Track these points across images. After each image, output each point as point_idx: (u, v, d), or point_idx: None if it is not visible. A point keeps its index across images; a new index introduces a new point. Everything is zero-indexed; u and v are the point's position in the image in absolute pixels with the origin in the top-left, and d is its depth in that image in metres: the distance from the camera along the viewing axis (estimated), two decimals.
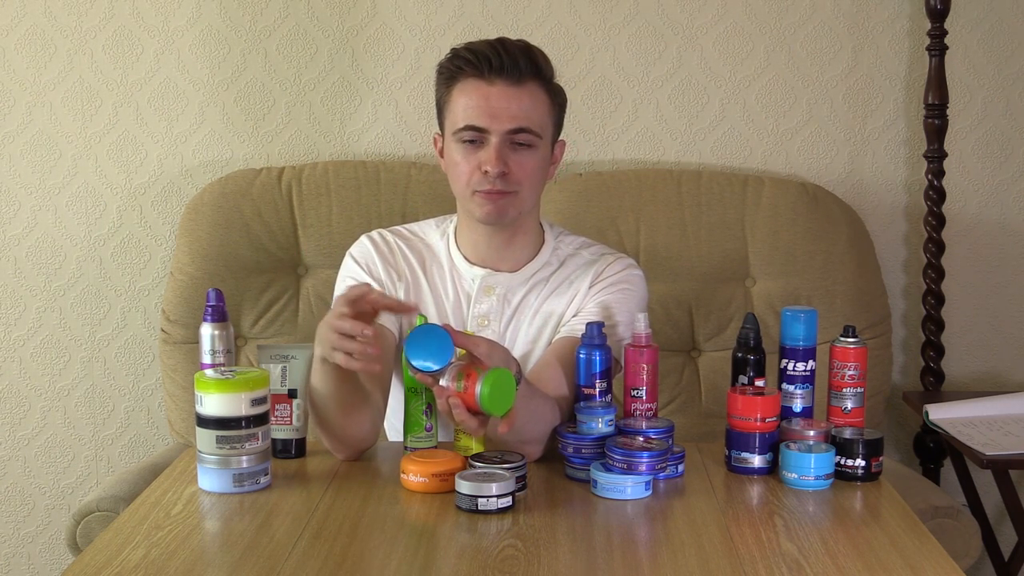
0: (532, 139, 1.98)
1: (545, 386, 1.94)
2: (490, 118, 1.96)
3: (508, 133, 1.97)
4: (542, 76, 2.00)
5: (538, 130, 1.99)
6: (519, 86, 1.97)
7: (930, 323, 2.84)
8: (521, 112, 1.97)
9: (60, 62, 2.83)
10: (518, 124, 1.97)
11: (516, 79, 1.97)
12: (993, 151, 2.88)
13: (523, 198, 2.01)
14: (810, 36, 2.85)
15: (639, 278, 2.12)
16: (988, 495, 2.79)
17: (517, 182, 1.99)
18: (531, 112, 1.98)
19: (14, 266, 2.89)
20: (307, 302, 2.73)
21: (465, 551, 1.61)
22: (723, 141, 2.88)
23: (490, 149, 1.97)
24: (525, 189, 2.00)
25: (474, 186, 1.99)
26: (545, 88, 2.01)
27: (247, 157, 2.87)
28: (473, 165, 1.98)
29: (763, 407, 1.86)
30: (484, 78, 1.97)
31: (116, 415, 2.93)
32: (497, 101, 1.96)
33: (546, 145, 2.03)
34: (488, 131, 1.97)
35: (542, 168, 2.03)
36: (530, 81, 1.98)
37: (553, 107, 2.03)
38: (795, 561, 1.57)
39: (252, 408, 1.78)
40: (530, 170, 1.99)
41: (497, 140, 1.96)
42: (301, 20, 2.84)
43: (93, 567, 1.55)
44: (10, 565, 2.98)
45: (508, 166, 1.97)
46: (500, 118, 1.96)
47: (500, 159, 1.96)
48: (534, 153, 1.99)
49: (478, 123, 1.97)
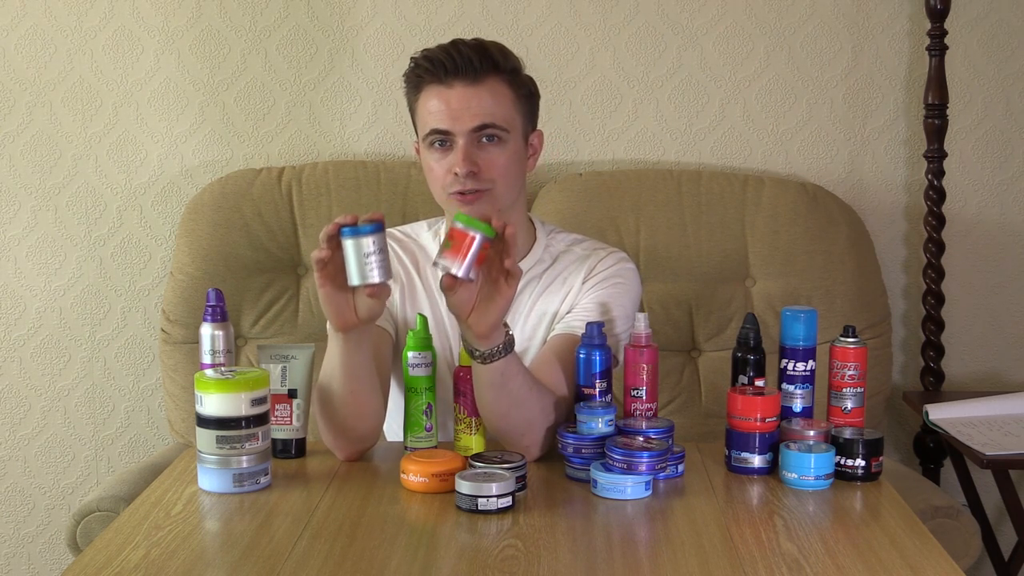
0: (498, 133, 1.98)
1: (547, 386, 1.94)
2: (452, 120, 1.97)
3: (472, 132, 1.97)
4: (500, 70, 1.99)
5: (503, 124, 1.99)
6: (477, 84, 1.97)
7: (930, 323, 2.84)
8: (482, 109, 1.97)
9: (60, 62, 2.83)
10: (480, 121, 1.97)
11: (473, 78, 1.97)
12: (993, 151, 2.88)
13: (498, 193, 2.01)
14: (810, 36, 2.85)
15: (632, 271, 2.12)
16: (988, 495, 2.80)
17: (489, 179, 1.99)
18: (493, 108, 1.98)
19: (14, 266, 2.89)
20: (307, 302, 2.73)
21: (465, 551, 1.61)
22: (723, 141, 2.88)
23: (457, 151, 1.98)
24: (500, 184, 2.00)
25: (448, 188, 2.00)
26: (507, 81, 2.00)
27: (247, 157, 2.87)
28: (445, 168, 1.99)
29: (763, 407, 1.86)
30: (443, 82, 1.98)
31: (116, 415, 2.93)
32: (457, 102, 1.97)
33: (516, 138, 2.02)
34: (453, 133, 1.98)
35: (515, 161, 2.02)
36: (489, 77, 1.98)
37: (519, 99, 2.02)
38: (795, 561, 1.57)
39: (252, 408, 1.78)
40: (502, 165, 1.99)
41: (463, 141, 1.97)
42: (301, 20, 2.84)
43: (93, 567, 1.55)
44: (10, 565, 2.98)
45: (477, 164, 1.97)
46: (461, 118, 1.97)
47: (467, 159, 1.97)
48: (503, 148, 2.00)
49: (441, 126, 1.98)
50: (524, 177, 2.07)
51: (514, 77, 2.02)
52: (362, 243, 1.72)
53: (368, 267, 1.72)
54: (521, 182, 2.07)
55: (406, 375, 1.92)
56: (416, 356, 1.91)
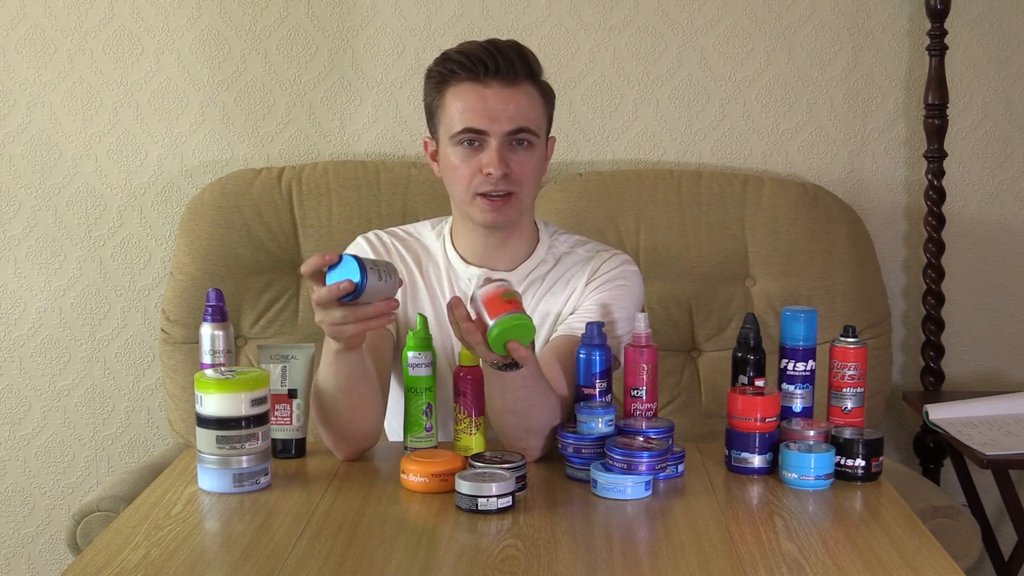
0: (531, 138, 1.99)
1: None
2: (489, 120, 1.96)
3: (508, 134, 1.97)
4: (534, 75, 2.01)
5: (536, 129, 2.00)
6: (514, 87, 1.98)
7: (930, 323, 2.84)
8: (519, 112, 1.97)
9: (60, 62, 2.83)
10: (517, 124, 1.97)
11: (511, 80, 1.97)
12: (993, 151, 2.88)
13: (523, 197, 2.02)
14: (810, 36, 2.85)
15: (635, 274, 2.12)
16: (988, 495, 2.80)
17: (518, 182, 1.99)
18: (528, 112, 1.99)
19: (14, 266, 2.89)
20: (307, 302, 2.72)
21: (465, 551, 1.61)
22: (723, 141, 2.88)
23: (491, 151, 1.97)
24: (525, 188, 2.02)
25: (475, 189, 1.99)
26: (537, 87, 2.02)
27: (247, 157, 2.87)
28: (474, 168, 1.98)
29: (763, 407, 1.86)
30: (479, 80, 1.97)
31: (116, 415, 2.93)
32: (494, 103, 1.96)
33: (542, 143, 2.04)
34: (488, 133, 1.97)
35: (540, 166, 2.05)
36: (524, 81, 1.99)
37: (546, 105, 2.05)
38: (795, 561, 1.57)
39: (252, 408, 1.78)
40: (530, 169, 2.01)
41: (497, 142, 1.97)
42: (301, 20, 2.84)
43: (93, 567, 1.55)
44: (10, 565, 2.98)
45: (509, 167, 1.97)
46: (499, 119, 1.96)
47: (502, 160, 1.97)
48: (532, 152, 2.01)
49: (477, 125, 1.97)
50: (540, 179, 2.09)
51: (542, 83, 2.04)
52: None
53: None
54: (539, 185, 2.11)
55: (406, 375, 1.92)
56: (416, 356, 1.91)
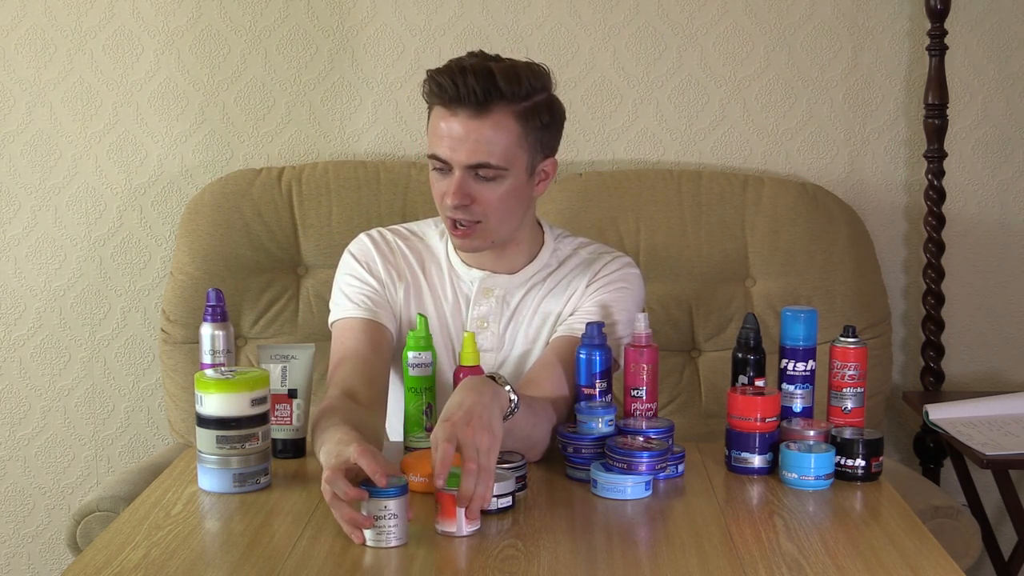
0: (492, 173, 1.92)
1: (544, 386, 1.95)
2: (450, 151, 1.91)
3: (468, 168, 1.92)
4: (509, 100, 1.90)
5: (501, 163, 1.91)
6: (481, 116, 1.89)
7: (930, 323, 2.84)
8: (480, 146, 1.90)
9: (60, 62, 2.83)
10: (476, 160, 1.91)
11: (476, 108, 1.88)
12: (993, 151, 2.88)
13: (490, 227, 1.97)
14: (810, 36, 2.85)
15: (636, 276, 2.12)
16: (988, 495, 2.79)
17: (482, 213, 1.94)
18: (492, 145, 1.90)
19: (14, 266, 2.89)
20: (307, 302, 2.73)
21: (465, 551, 1.61)
22: (723, 141, 2.88)
23: (452, 181, 1.93)
24: (492, 219, 1.96)
25: (444, 211, 1.98)
26: (516, 113, 1.91)
27: (247, 157, 2.87)
28: (441, 192, 1.96)
29: (763, 407, 1.86)
30: (448, 107, 1.91)
31: (116, 415, 2.93)
32: (457, 133, 1.90)
33: (517, 173, 1.94)
34: (451, 163, 1.93)
35: (513, 196, 1.95)
36: (495, 109, 1.89)
37: (528, 131, 1.93)
38: (795, 561, 1.57)
39: (252, 408, 1.78)
40: (495, 201, 1.94)
41: (459, 172, 1.92)
42: (301, 20, 2.84)
43: (93, 567, 1.55)
44: (10, 565, 2.98)
45: (471, 196, 1.93)
46: (458, 152, 1.91)
47: (459, 192, 1.92)
48: (499, 184, 1.93)
49: (440, 154, 1.93)
50: (526, 205, 2.01)
51: (527, 107, 1.92)
52: (380, 504, 1.60)
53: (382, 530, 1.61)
54: (521, 211, 2.00)
55: (406, 375, 1.92)
56: (416, 356, 1.91)
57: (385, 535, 1.59)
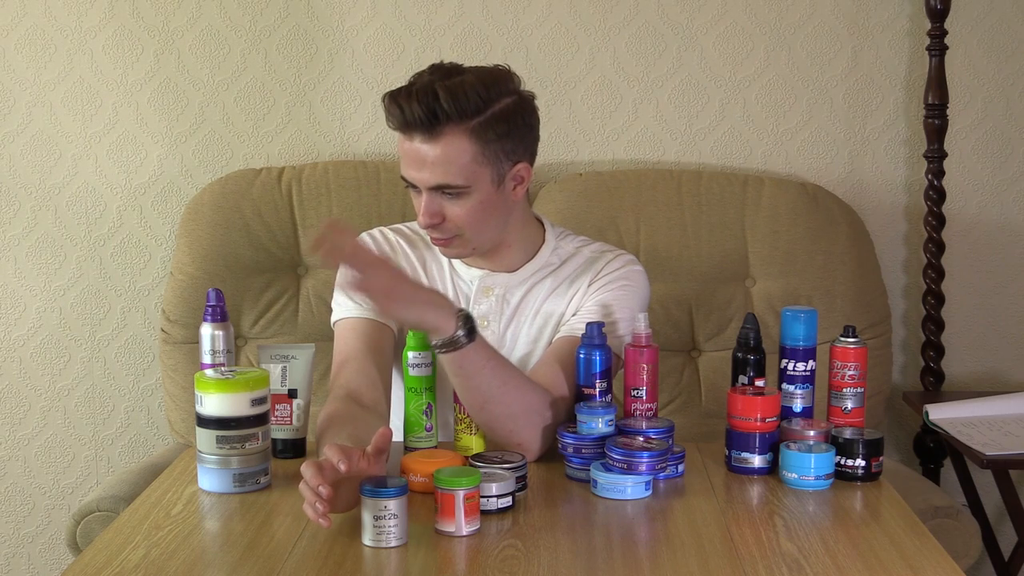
0: (454, 191, 1.93)
1: (543, 385, 1.94)
2: (414, 172, 1.93)
3: (431, 189, 1.94)
4: (458, 120, 1.88)
5: (461, 182, 1.91)
6: (435, 139, 1.89)
7: (930, 323, 2.84)
8: (437, 168, 1.90)
9: (60, 62, 2.83)
10: (436, 181, 1.92)
11: (427, 131, 1.89)
12: (993, 151, 2.88)
13: (468, 239, 1.99)
14: (810, 36, 2.85)
15: (640, 274, 2.11)
16: (988, 495, 2.79)
17: (456, 228, 1.97)
18: (448, 166, 1.90)
19: (14, 266, 2.89)
20: (307, 302, 2.73)
21: (465, 551, 1.61)
22: (723, 141, 2.88)
23: (422, 201, 1.95)
24: (468, 232, 1.97)
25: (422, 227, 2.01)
26: (469, 131, 1.89)
27: (247, 157, 2.87)
28: (417, 209, 1.99)
29: (763, 407, 1.86)
30: (403, 132, 1.93)
31: (116, 415, 2.93)
32: (415, 156, 1.92)
33: (483, 187, 1.93)
34: (416, 184, 1.95)
35: (482, 209, 1.95)
36: (446, 131, 1.89)
37: (486, 146, 1.91)
38: (795, 561, 1.57)
39: (252, 408, 1.78)
40: (465, 216, 1.95)
41: (425, 194, 1.94)
42: (301, 20, 2.84)
43: (93, 567, 1.55)
44: (10, 565, 2.98)
45: (440, 215, 1.95)
46: (421, 174, 1.92)
47: (428, 212, 1.95)
48: (466, 200, 1.94)
49: (407, 177, 1.96)
50: (503, 212, 2.00)
51: (480, 122, 1.90)
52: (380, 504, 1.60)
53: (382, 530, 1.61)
54: (498, 219, 2.00)
55: (406, 375, 1.92)
56: (416, 356, 1.91)
57: (385, 535, 1.60)
